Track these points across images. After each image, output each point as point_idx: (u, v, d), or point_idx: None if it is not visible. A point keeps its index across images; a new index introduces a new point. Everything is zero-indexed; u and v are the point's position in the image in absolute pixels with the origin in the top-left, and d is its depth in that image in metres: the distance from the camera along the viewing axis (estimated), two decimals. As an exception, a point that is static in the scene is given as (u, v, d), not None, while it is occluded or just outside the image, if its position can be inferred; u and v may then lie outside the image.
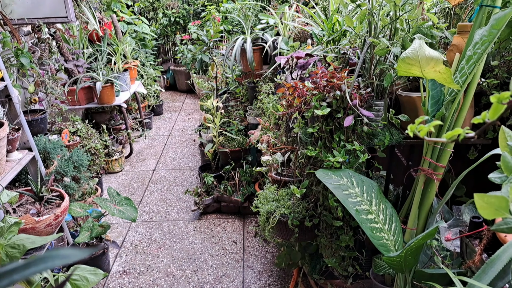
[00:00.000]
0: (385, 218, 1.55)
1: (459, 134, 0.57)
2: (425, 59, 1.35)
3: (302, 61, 1.90)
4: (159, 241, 3.21)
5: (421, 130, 0.59)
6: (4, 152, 2.28)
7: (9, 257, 0.96)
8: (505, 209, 0.72)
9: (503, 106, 0.54)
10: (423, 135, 0.59)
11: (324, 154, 1.64)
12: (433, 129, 0.60)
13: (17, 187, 2.69)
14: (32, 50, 3.37)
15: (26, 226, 2.24)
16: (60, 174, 2.78)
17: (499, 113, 0.55)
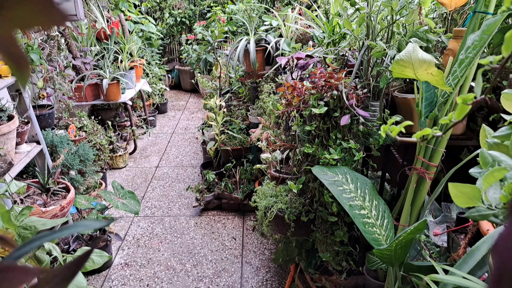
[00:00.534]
0: (378, 214, 1.61)
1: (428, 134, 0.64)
2: (418, 62, 1.42)
3: (302, 62, 1.97)
4: (161, 236, 3.28)
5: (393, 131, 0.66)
6: (13, 144, 2.36)
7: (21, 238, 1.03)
8: (478, 198, 0.79)
9: (468, 107, 0.61)
10: (395, 135, 0.66)
11: (321, 151, 1.71)
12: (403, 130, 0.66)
13: (25, 178, 2.77)
14: (41, 46, 3.46)
15: (33, 216, 2.32)
16: (66, 167, 2.86)
17: (464, 113, 0.62)
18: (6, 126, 2.23)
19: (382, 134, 0.66)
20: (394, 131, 0.66)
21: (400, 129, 0.67)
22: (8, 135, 2.27)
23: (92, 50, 4.42)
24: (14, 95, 2.55)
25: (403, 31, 1.78)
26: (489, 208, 0.77)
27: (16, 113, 2.57)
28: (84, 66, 4.17)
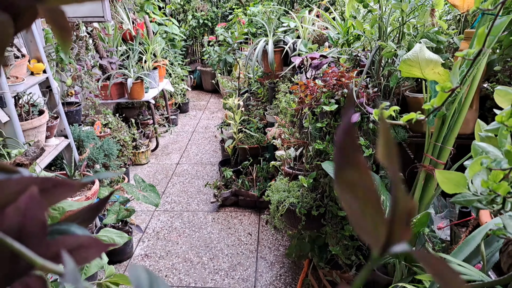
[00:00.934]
0: (385, 209, 1.67)
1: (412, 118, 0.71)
2: (425, 61, 1.48)
3: (316, 62, 2.05)
4: (179, 229, 3.39)
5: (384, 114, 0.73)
6: (43, 137, 2.51)
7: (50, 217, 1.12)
8: (464, 185, 0.85)
9: (446, 94, 0.68)
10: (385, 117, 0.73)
11: (331, 147, 1.78)
12: (393, 113, 0.72)
13: (53, 170, 2.92)
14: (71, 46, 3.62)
15: (59, 205, 2.46)
16: (91, 161, 3.00)
17: (443, 99, 0.69)
18: (37, 120, 2.38)
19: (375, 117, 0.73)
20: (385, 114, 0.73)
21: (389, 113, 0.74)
22: (39, 128, 2.42)
23: (118, 51, 4.59)
24: (44, 91, 2.70)
25: (415, 32, 1.83)
26: (474, 194, 0.84)
27: (46, 108, 2.72)
28: (110, 65, 4.33)
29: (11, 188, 0.29)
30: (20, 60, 2.42)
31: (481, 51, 0.61)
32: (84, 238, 0.32)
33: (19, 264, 0.29)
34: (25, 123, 2.30)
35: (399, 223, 0.25)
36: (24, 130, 2.30)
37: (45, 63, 2.58)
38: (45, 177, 0.31)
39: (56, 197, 0.32)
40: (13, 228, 0.28)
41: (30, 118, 2.39)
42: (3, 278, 0.29)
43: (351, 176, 0.25)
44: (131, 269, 0.31)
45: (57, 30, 0.33)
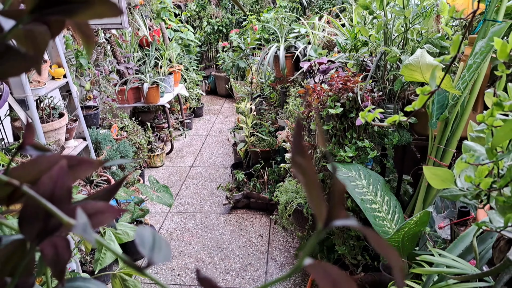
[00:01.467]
0: (389, 209, 1.73)
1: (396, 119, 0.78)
2: (425, 66, 1.54)
3: (324, 67, 2.11)
4: (192, 230, 3.48)
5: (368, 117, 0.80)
6: (63, 139, 2.62)
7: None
8: (451, 180, 0.91)
9: (426, 97, 0.74)
10: (370, 120, 0.80)
11: (337, 149, 1.84)
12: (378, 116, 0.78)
13: (70, 172, 3.04)
14: (89, 52, 3.76)
15: (77, 204, 2.56)
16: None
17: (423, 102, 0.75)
18: (57, 122, 2.49)
19: (361, 120, 0.80)
20: (369, 117, 0.80)
21: (374, 116, 0.81)
22: (59, 130, 2.53)
23: (134, 56, 4.73)
24: (64, 95, 2.82)
25: (419, 38, 1.89)
26: (461, 190, 0.90)
27: (66, 111, 2.83)
28: (127, 70, 4.46)
29: (45, 162, 0.37)
30: (42, 65, 2.54)
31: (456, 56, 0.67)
32: (100, 205, 0.39)
33: (50, 223, 0.37)
34: (46, 125, 2.41)
35: (336, 203, 0.32)
36: (45, 131, 2.41)
37: (65, 68, 2.70)
38: (71, 156, 0.39)
39: (80, 172, 0.40)
40: (46, 192, 0.35)
41: (51, 121, 2.51)
42: (37, 234, 0.37)
43: (299, 160, 0.32)
44: (138, 229, 0.38)
45: (83, 38, 0.41)
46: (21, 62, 0.31)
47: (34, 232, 0.36)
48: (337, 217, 0.35)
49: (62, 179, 0.36)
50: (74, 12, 0.35)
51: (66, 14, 0.36)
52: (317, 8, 3.74)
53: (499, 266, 0.84)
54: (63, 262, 0.41)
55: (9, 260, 0.41)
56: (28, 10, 0.35)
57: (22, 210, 0.37)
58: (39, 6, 0.34)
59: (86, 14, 0.34)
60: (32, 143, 0.37)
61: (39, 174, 0.36)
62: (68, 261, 0.43)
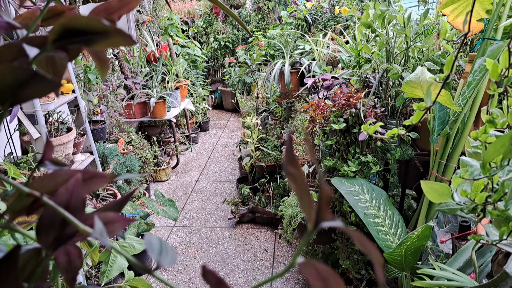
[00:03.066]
0: (391, 223, 1.75)
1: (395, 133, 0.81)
2: (426, 83, 1.57)
3: (328, 83, 2.15)
4: (197, 245, 3.49)
5: (370, 129, 0.83)
6: (70, 153, 2.67)
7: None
8: (448, 195, 0.94)
9: (422, 112, 0.78)
10: (372, 132, 0.83)
11: (340, 164, 1.87)
12: (379, 129, 0.81)
13: (78, 185, 3.08)
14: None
15: (84, 217, 2.60)
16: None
17: (419, 117, 0.78)
18: (65, 136, 2.54)
19: (364, 133, 0.83)
20: (370, 129, 0.83)
21: (375, 129, 0.84)
22: (67, 144, 2.58)
23: (142, 71, 4.81)
24: (73, 110, 2.88)
25: (420, 55, 1.93)
26: (457, 204, 0.92)
27: (74, 126, 2.89)
28: (134, 85, 4.54)
29: (62, 175, 0.40)
30: (52, 81, 2.60)
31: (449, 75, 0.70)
32: (111, 215, 0.43)
33: (66, 230, 0.41)
34: (54, 139, 2.47)
35: (323, 207, 0.35)
36: (53, 146, 2.46)
37: (74, 84, 2.77)
38: (85, 170, 0.43)
39: (93, 185, 0.44)
40: (63, 202, 0.39)
41: (59, 135, 2.56)
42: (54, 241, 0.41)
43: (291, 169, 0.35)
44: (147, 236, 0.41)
45: (99, 64, 0.45)
46: (45, 86, 0.35)
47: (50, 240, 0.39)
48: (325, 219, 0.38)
49: (77, 191, 0.39)
50: (93, 42, 0.39)
51: (86, 44, 0.40)
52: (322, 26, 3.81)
53: (496, 278, 0.86)
54: (75, 270, 0.45)
55: (26, 266, 0.45)
56: (52, 40, 0.39)
57: (39, 219, 0.40)
58: (62, 36, 0.38)
59: (103, 44, 0.38)
60: (51, 159, 0.41)
61: (56, 187, 0.40)
62: (80, 268, 0.46)
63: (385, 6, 1.90)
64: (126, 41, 0.37)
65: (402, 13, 1.82)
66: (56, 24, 0.37)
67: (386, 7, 1.90)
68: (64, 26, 0.38)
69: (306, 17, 3.82)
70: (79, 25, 0.37)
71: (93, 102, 3.63)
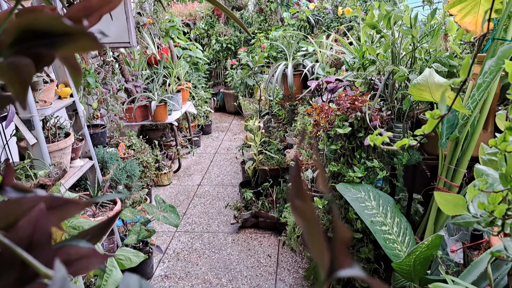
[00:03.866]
0: (399, 231, 1.68)
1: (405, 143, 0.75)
2: (434, 85, 1.51)
3: (332, 85, 2.09)
4: (199, 251, 3.43)
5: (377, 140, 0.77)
6: (68, 159, 2.61)
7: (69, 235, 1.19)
8: (463, 206, 0.87)
9: (435, 121, 0.71)
10: (379, 144, 0.77)
11: (346, 169, 1.81)
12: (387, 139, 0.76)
13: (77, 191, 3.03)
14: (97, 71, 3.79)
15: (83, 224, 2.55)
16: (114, 181, 3.10)
17: (433, 126, 0.72)
18: (63, 142, 2.49)
19: (370, 143, 0.77)
20: (378, 140, 0.77)
21: (383, 139, 0.78)
22: (64, 150, 2.53)
23: (143, 74, 4.75)
24: (71, 114, 2.82)
25: (427, 56, 1.86)
26: (474, 216, 0.86)
27: (72, 130, 2.83)
28: (135, 89, 4.49)
29: (25, 204, 0.34)
30: (49, 85, 2.55)
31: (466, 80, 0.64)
32: (85, 250, 0.37)
33: (28, 271, 0.34)
34: (51, 145, 2.41)
35: (339, 251, 0.29)
36: (51, 152, 2.41)
37: (72, 88, 2.71)
38: (55, 196, 0.37)
39: (65, 214, 0.38)
40: (24, 237, 0.33)
41: (56, 140, 2.50)
42: (14, 283, 0.34)
43: (299, 203, 0.29)
44: (125, 277, 0.35)
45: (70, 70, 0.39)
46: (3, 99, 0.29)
47: (10, 282, 0.33)
48: (341, 267, 0.32)
49: (42, 223, 0.33)
50: (57, 46, 0.33)
51: (49, 48, 0.34)
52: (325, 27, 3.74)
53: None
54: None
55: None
56: (8, 44, 0.33)
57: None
58: (19, 40, 0.32)
59: (69, 48, 0.32)
60: (12, 184, 0.35)
61: (17, 218, 0.34)
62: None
63: (390, 6, 1.83)
64: (93, 45, 0.31)
65: (409, 13, 1.76)
66: (13, 25, 0.31)
67: (391, 7, 1.84)
68: (24, 27, 0.32)
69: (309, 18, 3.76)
70: (39, 26, 0.31)
71: (93, 106, 3.58)
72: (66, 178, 2.62)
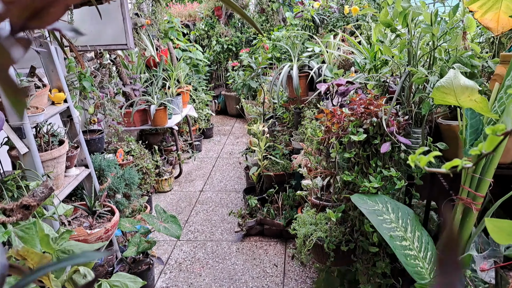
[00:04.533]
0: (420, 246, 1.54)
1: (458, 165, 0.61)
2: (460, 88, 1.37)
3: (343, 88, 1.95)
4: (202, 260, 3.29)
5: (421, 161, 0.63)
6: (63, 168, 2.48)
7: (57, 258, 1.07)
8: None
9: (498, 138, 0.57)
10: (423, 165, 0.63)
11: (360, 179, 1.66)
12: (433, 160, 0.63)
13: (73, 201, 2.89)
14: (94, 74, 3.65)
15: (79, 237, 2.40)
16: (112, 190, 2.96)
17: (494, 144, 0.58)
18: (56, 150, 2.35)
19: (411, 164, 0.63)
20: (422, 161, 0.63)
21: (429, 159, 0.64)
22: (58, 159, 2.39)
23: (141, 77, 4.62)
24: (65, 120, 2.69)
25: (446, 56, 1.72)
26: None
27: (67, 138, 2.70)
28: (133, 92, 4.35)
29: None
30: (41, 90, 2.41)
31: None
32: None
33: None
34: (44, 154, 2.27)
35: None
36: (43, 161, 2.27)
37: (66, 93, 2.58)
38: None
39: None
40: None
41: (50, 149, 2.37)
42: None
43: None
44: None
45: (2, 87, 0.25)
46: None
47: None
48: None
49: None
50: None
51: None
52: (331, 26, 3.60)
53: None
54: None
55: None
56: None
57: None
58: None
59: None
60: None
61: None
62: None
63: (406, 2, 1.69)
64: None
65: (427, 10, 1.62)
66: None
67: (407, 3, 1.70)
68: None
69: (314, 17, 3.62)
70: None
71: (89, 111, 3.44)
72: (61, 188, 2.49)
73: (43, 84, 2.55)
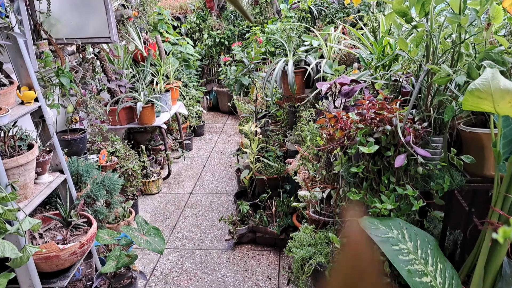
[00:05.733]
0: (444, 282, 1.28)
1: None
2: (499, 92, 1.11)
3: (347, 88, 1.69)
4: (190, 272, 3.04)
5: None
6: (32, 176, 2.20)
7: None
8: None
9: None
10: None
11: (370, 198, 1.40)
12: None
13: (48, 210, 2.61)
14: (75, 69, 3.36)
15: (50, 254, 2.13)
16: (91, 198, 2.68)
17: None
18: (23, 156, 2.07)
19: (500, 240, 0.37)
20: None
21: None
22: (26, 166, 2.11)
23: (128, 73, 4.32)
24: (37, 122, 2.41)
25: (473, 51, 1.46)
26: None
27: (40, 141, 2.42)
28: (119, 89, 4.06)
29: None
30: (7, 88, 2.13)
31: None
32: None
33: None
34: (8, 161, 1.99)
35: None
36: (8, 169, 1.99)
37: (37, 90, 2.29)
38: None
39: None
40: None
41: (16, 155, 2.09)
42: None
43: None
44: None
45: None
46: None
47: None
48: None
49: None
50: None
51: None
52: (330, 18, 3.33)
53: None
54: None
55: None
56: None
57: None
58: None
59: None
60: None
61: None
62: None
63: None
64: None
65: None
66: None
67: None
68: None
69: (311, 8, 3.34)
70: None
71: (68, 110, 3.16)
72: (30, 198, 2.21)
73: (10, 81, 2.26)
